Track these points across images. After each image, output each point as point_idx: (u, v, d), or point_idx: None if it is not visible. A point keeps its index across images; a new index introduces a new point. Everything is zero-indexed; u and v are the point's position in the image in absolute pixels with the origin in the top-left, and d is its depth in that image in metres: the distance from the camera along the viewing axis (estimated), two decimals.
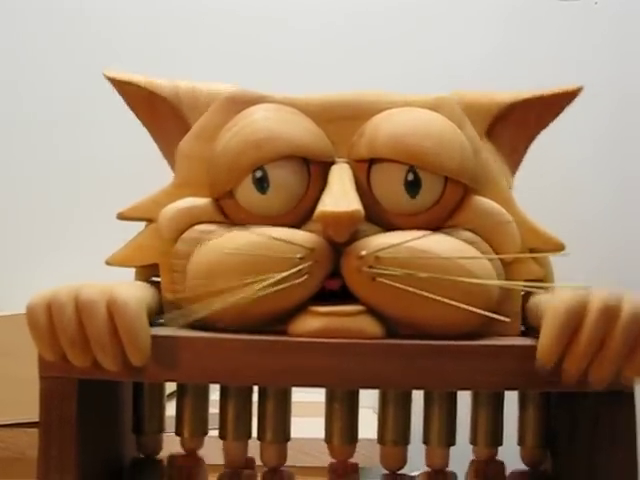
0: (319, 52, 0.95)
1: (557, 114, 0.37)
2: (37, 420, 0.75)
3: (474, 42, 1.00)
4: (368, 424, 0.37)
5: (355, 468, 0.36)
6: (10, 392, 0.75)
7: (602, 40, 1.02)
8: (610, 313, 0.28)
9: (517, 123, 0.36)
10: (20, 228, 1.00)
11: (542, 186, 0.91)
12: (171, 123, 0.36)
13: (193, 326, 0.31)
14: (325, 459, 0.37)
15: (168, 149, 0.37)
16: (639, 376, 0.29)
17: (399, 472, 0.36)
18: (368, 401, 0.38)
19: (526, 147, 0.37)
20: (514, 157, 0.37)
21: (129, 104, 0.37)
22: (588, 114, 0.93)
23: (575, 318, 0.28)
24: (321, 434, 0.36)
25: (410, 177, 0.32)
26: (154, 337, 0.30)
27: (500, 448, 0.37)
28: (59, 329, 0.29)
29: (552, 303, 0.29)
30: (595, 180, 1.01)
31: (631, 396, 0.31)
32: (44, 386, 0.32)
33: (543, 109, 0.36)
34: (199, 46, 0.97)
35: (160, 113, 0.36)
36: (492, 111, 0.36)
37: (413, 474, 0.37)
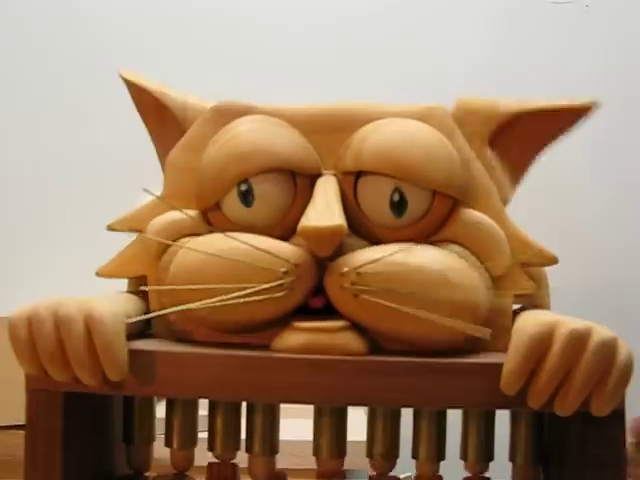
0: (310, 55, 0.95)
1: (570, 127, 0.35)
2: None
3: (468, 46, 0.99)
4: (359, 425, 0.36)
5: (342, 474, 0.36)
6: (4, 393, 0.75)
7: (597, 43, 1.01)
8: (576, 343, 0.28)
9: (524, 133, 0.35)
10: (14, 231, 1.00)
11: (536, 190, 0.90)
12: (174, 134, 0.36)
13: (174, 338, 0.31)
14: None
15: (165, 158, 0.36)
16: (608, 409, 0.29)
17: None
18: None
19: (532, 159, 0.36)
20: (519, 168, 0.36)
21: (137, 106, 0.38)
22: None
23: (540, 346, 0.28)
24: (310, 436, 0.35)
25: (396, 197, 0.32)
26: (132, 352, 0.30)
27: (493, 465, 0.36)
28: (39, 345, 0.29)
29: (520, 327, 0.29)
30: (591, 185, 1.00)
31: (621, 415, 0.30)
32: (30, 398, 0.32)
33: (555, 121, 0.35)
34: (193, 48, 0.97)
35: (165, 122, 0.37)
36: (496, 119, 0.35)
37: (403, 476, 0.37)
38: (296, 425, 0.38)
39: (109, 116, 0.98)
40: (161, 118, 0.37)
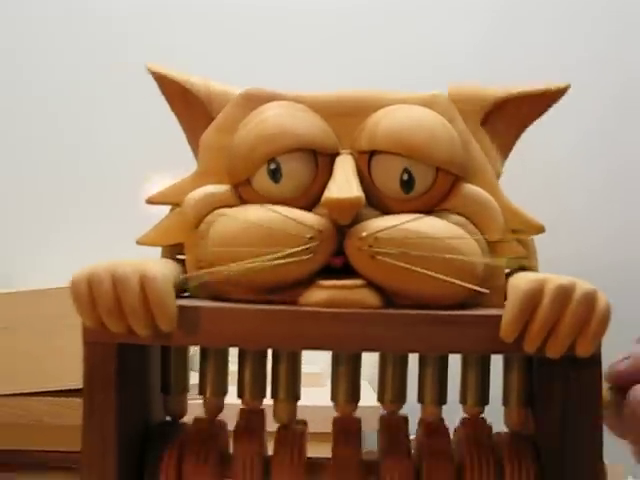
0: (324, 49, 1.01)
1: (547, 108, 0.41)
2: (50, 390, 0.80)
3: (465, 29, 1.04)
4: (364, 394, 0.41)
5: (358, 423, 0.41)
6: (24, 364, 0.80)
7: (594, 27, 1.06)
8: (563, 296, 0.33)
9: (510, 115, 0.40)
10: (25, 212, 1.05)
11: (532, 173, 0.95)
12: (201, 117, 0.40)
13: (212, 298, 0.36)
14: (322, 425, 0.42)
15: (195, 141, 0.41)
16: (590, 351, 0.34)
17: None
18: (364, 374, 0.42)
19: (517, 136, 0.41)
20: (506, 144, 0.41)
21: (165, 96, 0.42)
22: (579, 104, 0.97)
23: (533, 299, 0.33)
24: (317, 402, 0.40)
25: (405, 177, 0.36)
26: (180, 307, 0.34)
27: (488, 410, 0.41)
28: (98, 300, 0.34)
29: (515, 285, 0.34)
30: (584, 169, 1.06)
31: (597, 360, 0.35)
32: (87, 351, 0.36)
33: (534, 103, 0.40)
34: (213, 42, 1.02)
35: (192, 107, 0.41)
36: (487, 103, 0.40)
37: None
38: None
39: (118, 106, 1.03)
40: (187, 103, 0.41)
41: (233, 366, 0.40)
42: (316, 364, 0.43)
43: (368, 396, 0.45)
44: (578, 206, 1.05)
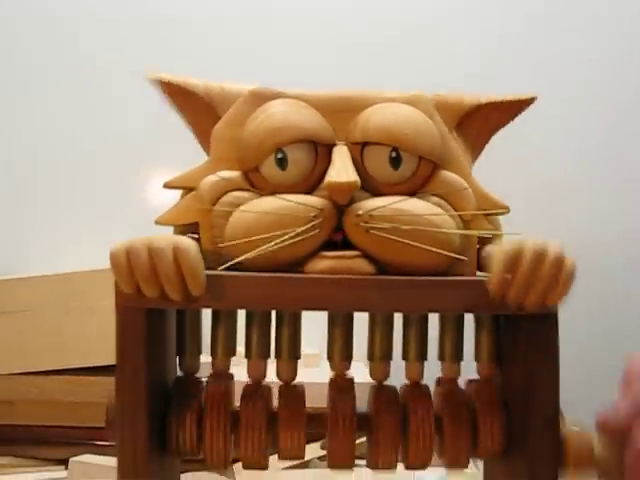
0: (324, 51, 1.09)
1: (514, 116, 0.47)
2: (65, 368, 0.86)
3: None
4: (359, 373, 0.47)
5: (351, 381, 0.47)
6: (39, 344, 0.86)
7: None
8: (539, 256, 0.39)
9: (480, 121, 0.47)
10: (39, 203, 1.10)
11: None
12: (203, 114, 0.46)
13: (234, 269, 0.42)
14: (320, 401, 0.46)
15: (201, 135, 0.47)
16: (560, 301, 0.40)
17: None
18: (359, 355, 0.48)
19: (487, 139, 0.48)
20: (476, 148, 0.48)
21: (169, 99, 0.47)
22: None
23: (514, 259, 0.39)
24: (314, 379, 0.46)
25: (393, 154, 0.43)
26: (207, 276, 0.40)
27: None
28: (135, 270, 0.39)
29: (498, 249, 0.40)
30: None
31: (555, 316, 0.42)
32: (120, 315, 0.42)
33: (502, 111, 0.47)
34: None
35: (194, 106, 0.46)
36: (461, 110, 0.47)
37: None
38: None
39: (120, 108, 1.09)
40: (189, 103, 0.47)
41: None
42: (313, 346, 0.49)
43: (362, 375, 0.49)
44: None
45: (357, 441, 0.46)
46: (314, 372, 0.50)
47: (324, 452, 0.86)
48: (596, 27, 1.19)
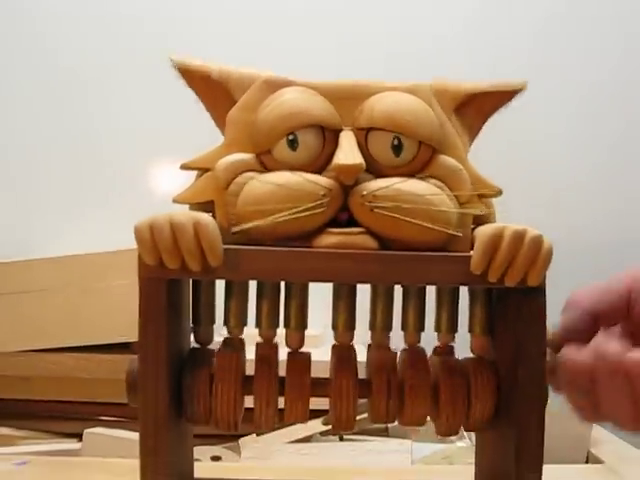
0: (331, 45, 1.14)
1: (507, 102, 0.51)
2: (80, 345, 0.90)
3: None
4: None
5: (353, 349, 0.50)
6: (57, 322, 0.90)
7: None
8: (517, 238, 0.43)
9: (477, 106, 0.50)
10: (52, 187, 1.15)
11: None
12: (221, 99, 0.49)
13: (247, 243, 0.45)
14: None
15: (218, 118, 0.50)
16: (538, 280, 0.44)
17: None
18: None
19: (483, 123, 0.51)
20: (472, 132, 0.51)
21: (188, 83, 0.50)
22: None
23: (495, 241, 0.43)
24: (316, 358, 0.50)
25: (395, 142, 0.46)
26: (224, 249, 0.44)
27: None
28: (158, 242, 0.43)
29: (481, 231, 0.44)
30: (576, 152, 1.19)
31: (543, 290, 0.46)
32: (143, 285, 0.45)
33: (497, 98, 0.51)
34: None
35: (213, 91, 0.50)
36: (459, 96, 0.50)
37: None
38: None
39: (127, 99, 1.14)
40: (207, 87, 0.50)
41: None
42: (316, 328, 0.53)
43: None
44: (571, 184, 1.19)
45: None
46: (316, 352, 0.53)
47: (326, 428, 0.90)
48: (605, 27, 1.23)
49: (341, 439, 0.89)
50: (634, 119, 1.24)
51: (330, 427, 0.87)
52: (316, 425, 0.90)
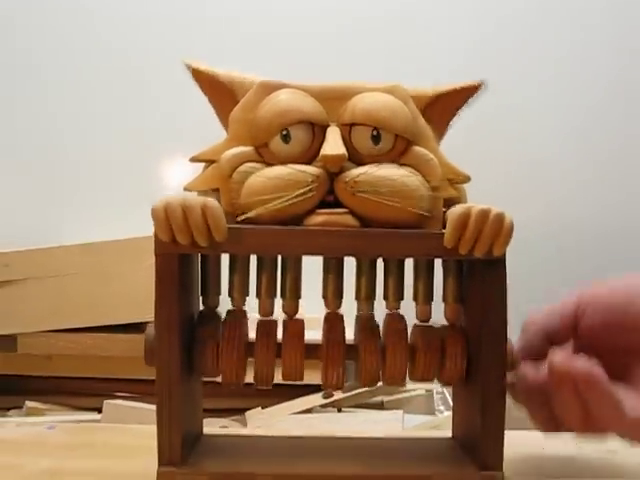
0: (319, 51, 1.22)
1: (468, 100, 0.58)
2: (98, 325, 0.99)
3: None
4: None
5: (341, 316, 0.58)
6: (77, 304, 0.98)
7: None
8: (483, 215, 0.51)
9: (441, 107, 0.57)
10: (74, 181, 1.26)
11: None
12: (225, 98, 0.57)
13: (249, 223, 0.53)
14: None
15: (223, 116, 0.57)
16: (502, 251, 0.52)
17: None
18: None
19: (449, 122, 0.58)
20: (440, 130, 0.58)
21: (198, 84, 0.58)
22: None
23: (464, 218, 0.51)
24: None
25: (374, 133, 0.54)
26: (227, 227, 0.51)
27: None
28: (171, 220, 0.50)
29: (451, 211, 0.51)
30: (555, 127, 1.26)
31: (503, 262, 0.53)
32: (159, 261, 0.52)
33: (458, 97, 0.58)
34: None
35: (219, 92, 0.57)
36: (425, 99, 0.57)
37: None
38: None
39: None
40: (214, 88, 0.57)
41: None
42: (318, 313, 0.61)
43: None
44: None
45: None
46: (314, 333, 0.60)
47: (325, 401, 0.98)
48: (600, 19, 1.30)
49: (339, 411, 0.96)
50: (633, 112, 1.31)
51: (329, 400, 0.96)
52: (316, 399, 0.98)
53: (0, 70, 1.24)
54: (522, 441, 0.71)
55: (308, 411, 0.96)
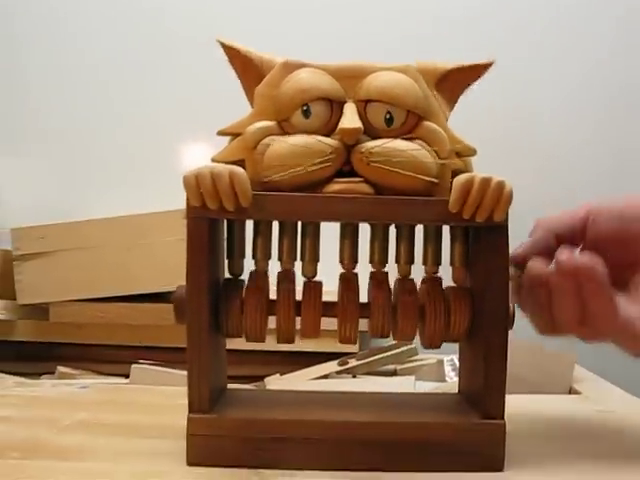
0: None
1: (478, 77, 0.63)
2: (126, 294, 1.05)
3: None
4: None
5: (356, 276, 0.62)
6: (106, 275, 1.03)
7: None
8: (485, 183, 0.55)
9: (453, 81, 0.62)
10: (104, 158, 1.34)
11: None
12: (253, 74, 0.62)
13: (272, 189, 0.57)
14: None
15: (249, 91, 0.62)
16: (502, 216, 0.56)
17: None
18: None
19: (459, 95, 0.63)
20: (452, 101, 0.63)
21: (230, 62, 0.62)
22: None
23: (467, 186, 0.55)
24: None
25: (387, 116, 0.58)
26: (253, 194, 0.56)
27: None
28: (202, 186, 0.55)
29: (456, 179, 0.56)
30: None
31: (505, 228, 0.58)
32: (190, 224, 0.57)
33: (469, 74, 0.62)
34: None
35: (249, 70, 0.62)
36: (438, 73, 0.62)
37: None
38: None
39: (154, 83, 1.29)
40: (245, 67, 0.62)
41: None
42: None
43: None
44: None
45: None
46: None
47: (341, 368, 1.03)
48: (603, 6, 1.34)
49: (354, 377, 1.01)
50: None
51: (344, 367, 1.01)
52: (332, 366, 1.03)
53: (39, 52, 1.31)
54: (523, 403, 0.76)
55: (324, 377, 1.01)
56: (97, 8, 1.38)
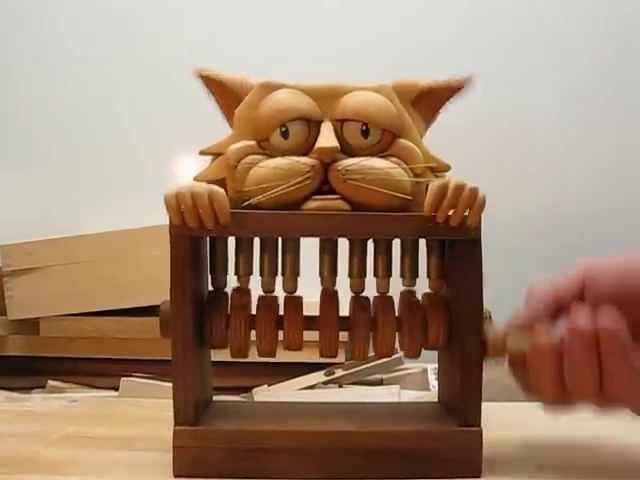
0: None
1: (455, 94, 0.64)
2: (115, 309, 1.07)
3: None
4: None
5: (336, 292, 0.64)
6: (96, 289, 1.05)
7: None
8: (459, 188, 0.57)
9: (430, 99, 0.64)
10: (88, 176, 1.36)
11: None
12: (229, 98, 0.63)
13: (252, 208, 0.59)
14: None
15: (227, 114, 0.64)
16: (475, 222, 0.58)
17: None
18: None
19: (436, 113, 0.65)
20: (428, 118, 0.65)
21: (206, 86, 0.64)
22: None
23: (442, 190, 0.57)
24: None
25: (363, 128, 0.60)
26: (232, 212, 0.58)
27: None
28: (183, 205, 0.57)
29: (433, 183, 0.58)
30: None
31: (478, 241, 0.59)
32: (173, 242, 0.58)
33: (445, 91, 0.64)
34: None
35: (224, 93, 0.64)
36: (415, 91, 0.64)
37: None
38: None
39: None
40: (221, 90, 0.64)
41: None
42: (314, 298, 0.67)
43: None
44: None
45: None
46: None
47: (328, 378, 1.05)
48: (595, 10, 1.36)
49: (340, 387, 1.03)
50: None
51: (331, 377, 1.03)
52: (319, 376, 1.04)
53: (30, 63, 1.34)
54: (501, 410, 0.78)
55: (311, 387, 1.02)
56: (90, 27, 1.40)
